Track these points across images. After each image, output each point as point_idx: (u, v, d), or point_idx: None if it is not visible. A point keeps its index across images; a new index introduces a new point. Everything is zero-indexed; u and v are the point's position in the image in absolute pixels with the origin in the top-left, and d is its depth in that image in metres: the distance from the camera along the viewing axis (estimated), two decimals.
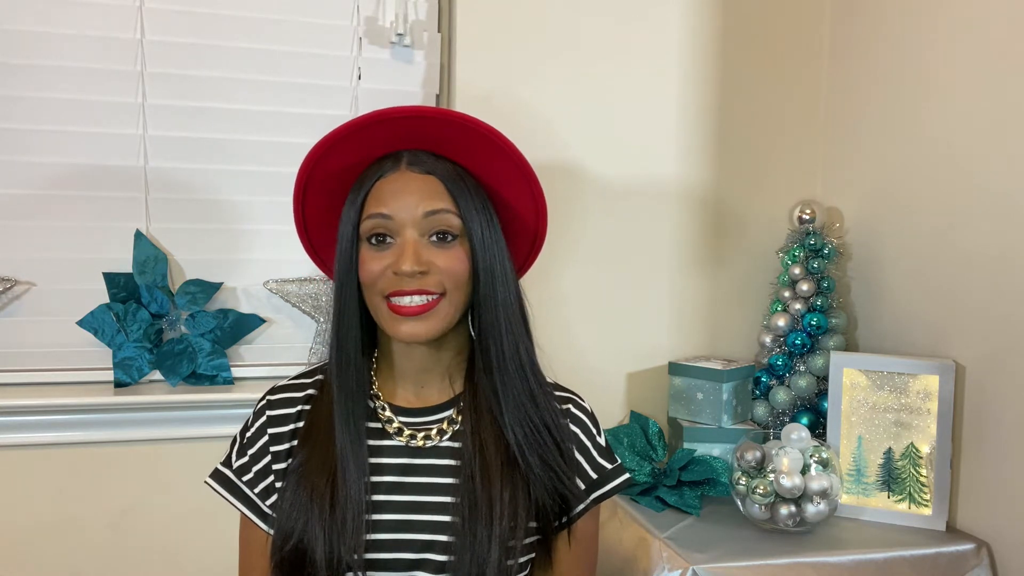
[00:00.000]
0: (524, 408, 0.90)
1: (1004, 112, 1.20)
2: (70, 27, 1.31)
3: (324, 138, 0.88)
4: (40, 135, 1.32)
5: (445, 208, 0.86)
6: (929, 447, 1.27)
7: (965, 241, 1.27)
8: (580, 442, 0.95)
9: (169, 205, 1.38)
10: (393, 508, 0.88)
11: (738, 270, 1.58)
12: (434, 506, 0.89)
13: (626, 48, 1.49)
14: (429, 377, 0.94)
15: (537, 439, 0.89)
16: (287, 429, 0.93)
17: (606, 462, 0.97)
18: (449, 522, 0.87)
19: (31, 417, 1.30)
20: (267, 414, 0.94)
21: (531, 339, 0.94)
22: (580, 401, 0.99)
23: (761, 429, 1.44)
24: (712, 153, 1.55)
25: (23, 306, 1.34)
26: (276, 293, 1.41)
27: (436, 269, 0.86)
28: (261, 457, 0.93)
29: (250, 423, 0.95)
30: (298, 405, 0.94)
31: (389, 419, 0.93)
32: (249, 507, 0.93)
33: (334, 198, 0.92)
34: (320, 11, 1.41)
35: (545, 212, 0.96)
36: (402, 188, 0.87)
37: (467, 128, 0.87)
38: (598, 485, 0.95)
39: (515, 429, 0.89)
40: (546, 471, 0.89)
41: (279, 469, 0.92)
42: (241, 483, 0.93)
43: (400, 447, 0.91)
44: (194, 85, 1.37)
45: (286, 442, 0.93)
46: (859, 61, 1.51)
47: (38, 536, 1.32)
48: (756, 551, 1.16)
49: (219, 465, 0.96)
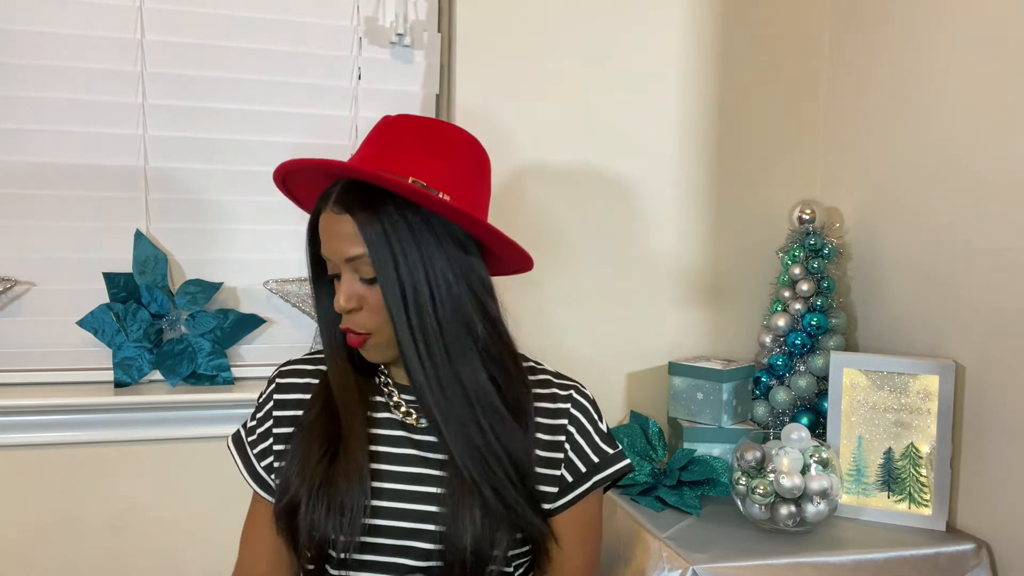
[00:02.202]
0: (471, 439, 0.88)
1: (1004, 112, 1.20)
2: (70, 27, 1.31)
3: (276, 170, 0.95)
4: (40, 135, 1.31)
5: (358, 254, 0.87)
6: (929, 447, 1.27)
7: (965, 241, 1.27)
8: (581, 426, 0.98)
9: (169, 205, 1.38)
10: (391, 477, 0.92)
11: (738, 270, 1.58)
12: (428, 478, 0.92)
13: (626, 48, 1.49)
14: None
15: (489, 473, 0.88)
16: (294, 398, 0.99)
17: (608, 447, 0.99)
18: (441, 494, 0.90)
19: (31, 417, 1.30)
20: (277, 382, 1.01)
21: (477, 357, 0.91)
22: (582, 388, 1.02)
23: (761, 429, 1.44)
24: (712, 153, 1.55)
25: (23, 306, 1.34)
26: (276, 293, 1.41)
27: (367, 305, 0.89)
28: (266, 421, 0.99)
29: (264, 389, 1.02)
30: (307, 377, 1.01)
31: (391, 393, 0.98)
32: (247, 466, 1.00)
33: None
34: (320, 11, 1.41)
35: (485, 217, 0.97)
36: (327, 230, 0.90)
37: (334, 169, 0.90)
38: (599, 469, 0.97)
39: (465, 461, 0.88)
40: (503, 507, 0.89)
41: (280, 434, 0.98)
42: (246, 442, 1.01)
43: (397, 420, 0.96)
44: (194, 85, 1.37)
45: (291, 410, 0.98)
46: (859, 61, 1.51)
47: (38, 536, 1.32)
48: (756, 551, 1.16)
49: (240, 426, 1.04)
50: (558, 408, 0.98)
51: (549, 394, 0.99)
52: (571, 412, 0.98)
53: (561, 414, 0.98)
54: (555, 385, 1.00)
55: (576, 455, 0.97)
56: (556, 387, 1.00)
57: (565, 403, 0.98)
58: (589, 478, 0.97)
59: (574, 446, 0.97)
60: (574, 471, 0.96)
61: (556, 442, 0.96)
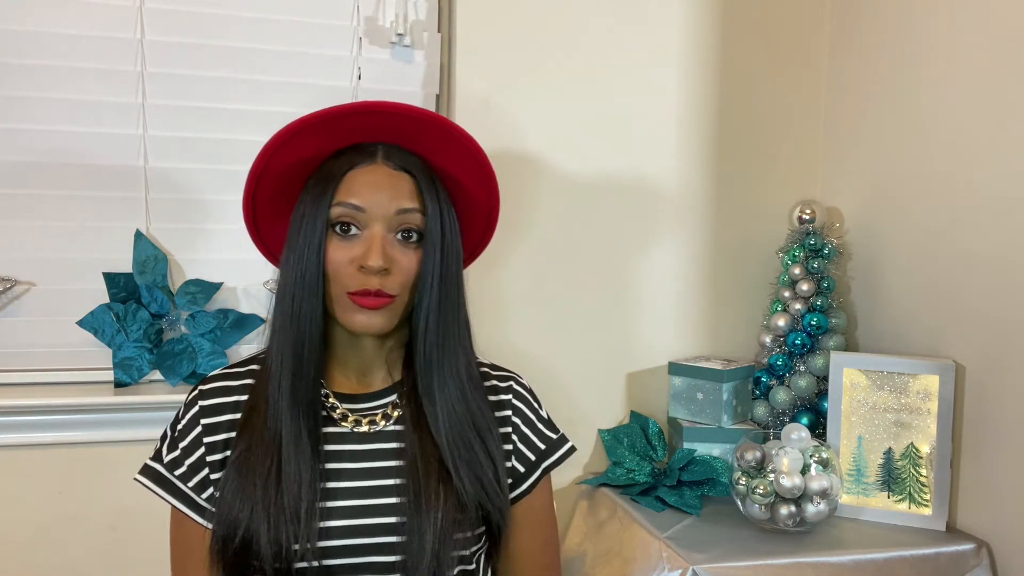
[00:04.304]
0: (457, 416, 0.90)
1: (1004, 112, 1.20)
2: (70, 27, 1.31)
3: (291, 124, 0.88)
4: (40, 135, 1.31)
5: (415, 208, 0.88)
6: (929, 447, 1.27)
7: (965, 241, 1.27)
8: (524, 416, 0.99)
9: (169, 205, 1.38)
10: (344, 494, 0.88)
11: (738, 270, 1.58)
12: (384, 490, 0.89)
13: (626, 48, 1.49)
14: (373, 367, 0.96)
15: (470, 453, 0.90)
16: (223, 419, 0.91)
17: (551, 432, 1.01)
18: (398, 504, 0.88)
19: (31, 417, 1.30)
20: (200, 404, 0.91)
21: (470, 338, 0.96)
22: (519, 378, 1.02)
23: (761, 429, 1.44)
24: (712, 153, 1.55)
25: (23, 306, 1.34)
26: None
27: (397, 268, 0.87)
28: (194, 449, 0.90)
29: (180, 415, 0.92)
30: (234, 395, 0.92)
31: (333, 405, 0.93)
32: (183, 501, 0.90)
33: (287, 189, 0.94)
34: (320, 11, 1.41)
35: (497, 209, 1.00)
36: (377, 182, 0.88)
37: (438, 126, 0.89)
38: (547, 455, 0.99)
39: (448, 438, 0.89)
40: (475, 485, 0.89)
41: (214, 461, 0.89)
42: (173, 477, 0.90)
43: (346, 433, 0.92)
44: (194, 85, 1.37)
45: (222, 432, 0.90)
46: (859, 61, 1.51)
47: (38, 536, 1.32)
48: (756, 551, 1.16)
49: (148, 460, 0.92)
50: (500, 400, 0.99)
51: (490, 387, 0.99)
52: (513, 403, 0.99)
53: (504, 405, 0.98)
54: (494, 377, 1.00)
55: (524, 445, 0.98)
56: (495, 379, 1.00)
57: (507, 394, 0.99)
58: (538, 465, 0.98)
59: (521, 436, 0.98)
60: (524, 460, 0.98)
61: (504, 434, 0.97)
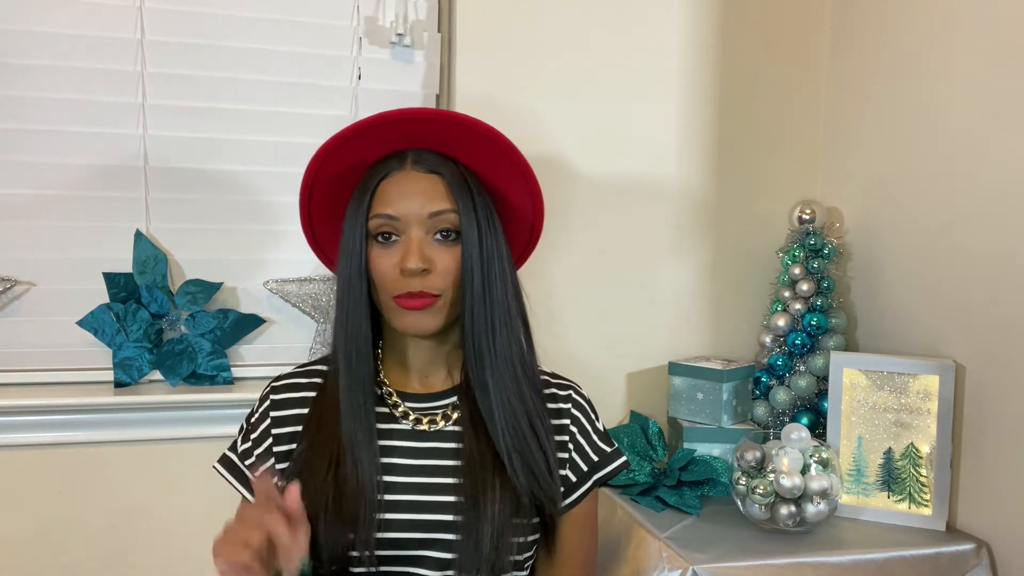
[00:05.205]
0: (512, 408, 0.92)
1: (1004, 112, 1.20)
2: (70, 27, 1.31)
3: (332, 138, 0.91)
4: (40, 135, 1.31)
5: (448, 208, 0.90)
6: (929, 447, 1.27)
7: (965, 241, 1.26)
8: (582, 426, 1.00)
9: (169, 205, 1.38)
10: (403, 489, 0.91)
11: (738, 270, 1.58)
12: (441, 487, 0.91)
13: (626, 48, 1.49)
14: (433, 368, 0.98)
15: (523, 444, 0.91)
16: (291, 413, 0.96)
17: (605, 445, 1.01)
18: (455, 502, 0.90)
19: (31, 417, 1.30)
20: (271, 398, 0.98)
21: (529, 336, 0.97)
22: (579, 388, 1.03)
23: (761, 429, 1.44)
24: (712, 153, 1.55)
25: (23, 306, 1.34)
26: (276, 293, 1.41)
27: (438, 267, 0.89)
28: (263, 440, 0.96)
29: (255, 408, 0.99)
30: (302, 391, 0.98)
31: (396, 403, 0.96)
32: (249, 489, 0.96)
33: (339, 196, 0.96)
34: (320, 11, 1.41)
35: (542, 208, 1.00)
36: (407, 189, 0.90)
37: (469, 128, 0.90)
38: (599, 467, 0.99)
39: (503, 430, 0.90)
40: (528, 476, 0.90)
41: (280, 452, 0.95)
42: (244, 466, 0.97)
43: (407, 430, 0.94)
44: (194, 85, 1.37)
45: (289, 426, 0.96)
46: (859, 61, 1.51)
47: (38, 536, 1.32)
48: (756, 551, 1.16)
49: (226, 450, 1.00)
50: (559, 408, 0.99)
51: (549, 394, 0.99)
52: (572, 412, 0.99)
53: (563, 414, 0.99)
54: (553, 385, 1.01)
55: (578, 455, 0.98)
56: (555, 387, 1.01)
57: (566, 403, 1.00)
58: (590, 477, 0.98)
59: (576, 446, 0.98)
60: (577, 471, 0.98)
61: (560, 442, 0.97)
